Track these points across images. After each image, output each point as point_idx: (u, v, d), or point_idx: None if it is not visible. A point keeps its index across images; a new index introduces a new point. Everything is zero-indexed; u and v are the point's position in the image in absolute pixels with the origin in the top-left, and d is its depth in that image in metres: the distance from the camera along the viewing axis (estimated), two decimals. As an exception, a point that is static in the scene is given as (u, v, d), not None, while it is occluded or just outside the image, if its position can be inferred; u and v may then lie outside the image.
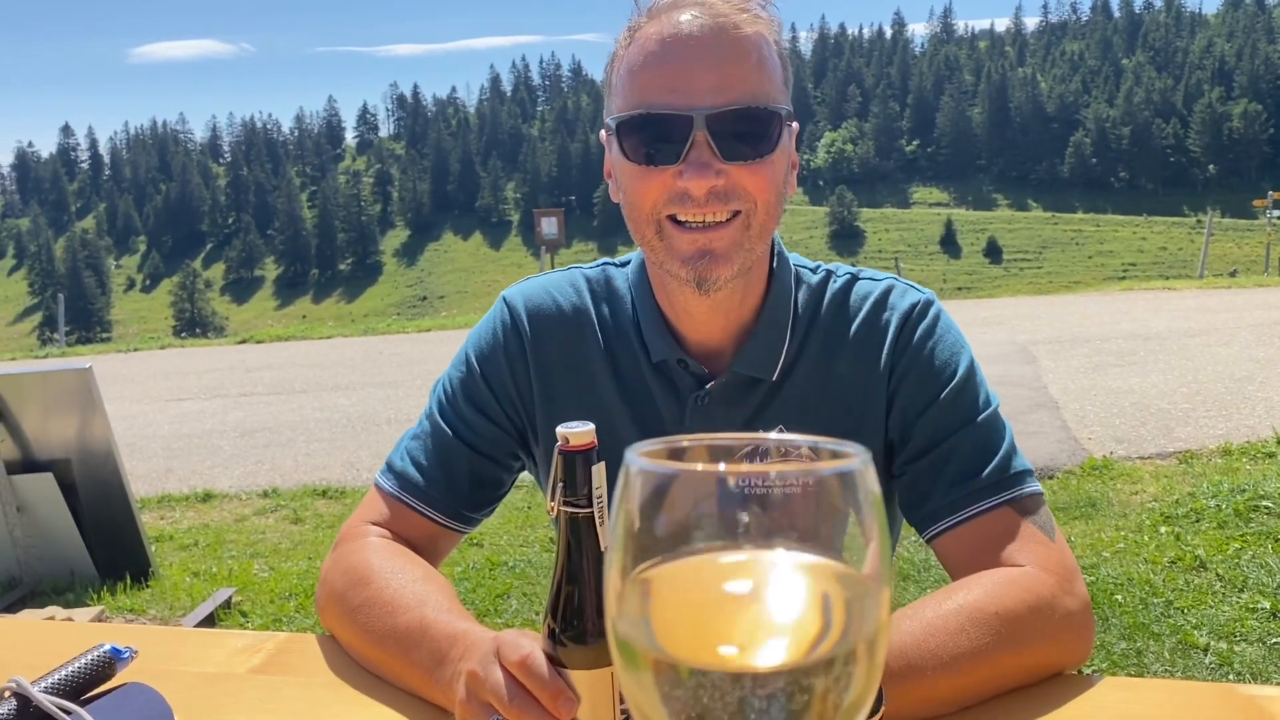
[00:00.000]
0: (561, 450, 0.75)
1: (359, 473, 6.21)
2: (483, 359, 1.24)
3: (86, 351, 16.59)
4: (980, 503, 1.07)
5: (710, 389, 1.16)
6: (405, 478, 1.22)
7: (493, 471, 1.24)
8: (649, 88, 1.02)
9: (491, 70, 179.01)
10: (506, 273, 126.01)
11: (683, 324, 1.16)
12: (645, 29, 1.04)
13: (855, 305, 1.18)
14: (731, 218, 1.04)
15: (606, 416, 1.20)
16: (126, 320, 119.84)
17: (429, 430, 1.24)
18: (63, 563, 4.04)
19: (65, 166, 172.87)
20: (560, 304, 1.24)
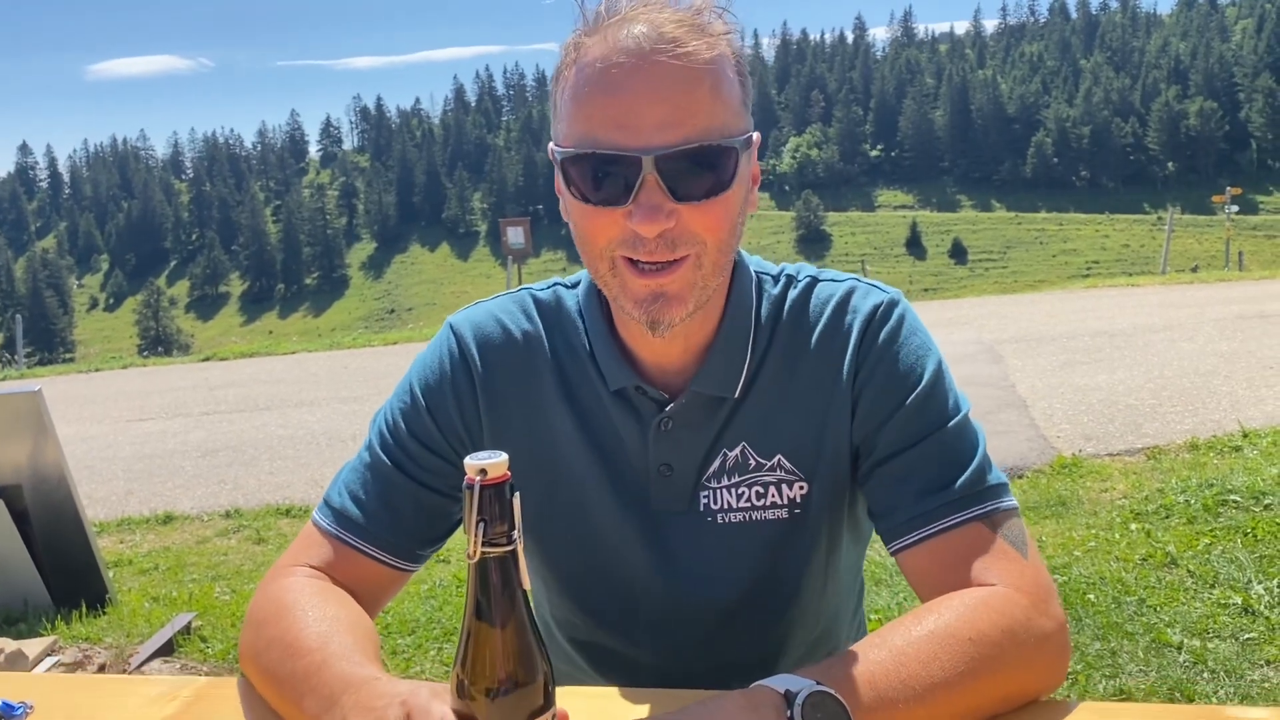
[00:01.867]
0: (482, 484, 0.69)
1: (322, 490, 6.10)
2: (428, 391, 1.17)
3: (47, 373, 16.29)
4: (949, 517, 1.02)
5: (671, 411, 1.11)
6: (344, 514, 1.14)
7: (440, 505, 1.17)
8: (593, 121, 0.94)
9: (455, 81, 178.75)
10: (475, 283, 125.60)
11: (640, 349, 1.11)
12: (589, 47, 0.95)
13: (816, 310, 1.13)
14: (681, 259, 0.98)
15: (562, 447, 1.15)
16: (90, 340, 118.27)
17: (369, 463, 1.17)
18: (14, 592, 3.92)
19: (24, 185, 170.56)
20: (510, 331, 1.18)
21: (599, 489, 1.14)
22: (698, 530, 1.13)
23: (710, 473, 1.13)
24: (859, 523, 1.20)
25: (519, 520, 0.70)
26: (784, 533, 1.13)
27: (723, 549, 1.13)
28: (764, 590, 1.15)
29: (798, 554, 1.14)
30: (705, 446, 1.12)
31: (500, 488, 0.69)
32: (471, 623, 0.72)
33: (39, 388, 3.82)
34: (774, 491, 1.12)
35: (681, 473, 1.13)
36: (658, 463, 1.12)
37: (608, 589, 1.18)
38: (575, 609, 1.23)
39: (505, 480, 0.70)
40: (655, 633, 1.19)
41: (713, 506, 1.13)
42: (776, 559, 1.14)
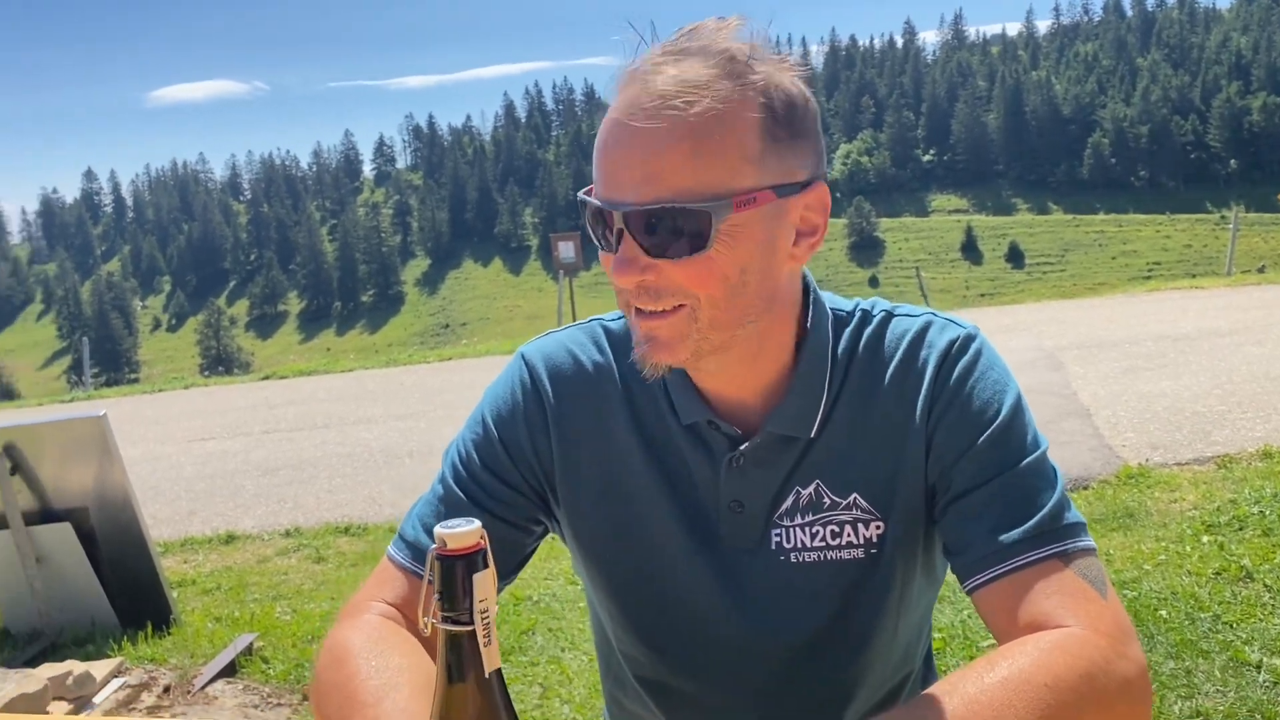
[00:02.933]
0: (439, 555, 0.65)
1: (381, 508, 6.16)
2: (500, 422, 1.17)
3: (113, 394, 16.69)
4: (1024, 555, 0.98)
5: (745, 450, 1.09)
6: (417, 547, 1.14)
7: (513, 536, 1.16)
8: (597, 174, 0.98)
9: (505, 98, 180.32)
10: (527, 297, 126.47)
11: (710, 384, 1.10)
12: (613, 101, 0.98)
13: (891, 346, 1.10)
14: (675, 308, 0.97)
15: (632, 480, 1.13)
16: (154, 360, 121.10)
17: (442, 495, 1.17)
18: (83, 613, 4.00)
19: (89, 210, 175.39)
20: (582, 361, 1.17)
21: (668, 523, 1.13)
22: (770, 568, 1.11)
23: (783, 510, 1.11)
24: (933, 564, 1.17)
25: (481, 599, 0.66)
26: (859, 573, 1.11)
27: (796, 588, 1.11)
28: (837, 631, 1.13)
29: (872, 595, 1.12)
30: (777, 484, 1.10)
31: (461, 560, 0.65)
32: (434, 703, 0.68)
33: (104, 412, 3.89)
34: (850, 531, 1.10)
35: (752, 510, 1.11)
36: (729, 499, 1.11)
37: (676, 625, 1.16)
38: (643, 645, 1.20)
39: (471, 552, 0.65)
40: (725, 673, 1.16)
41: (785, 545, 1.11)
42: (850, 600, 1.12)
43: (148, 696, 3.26)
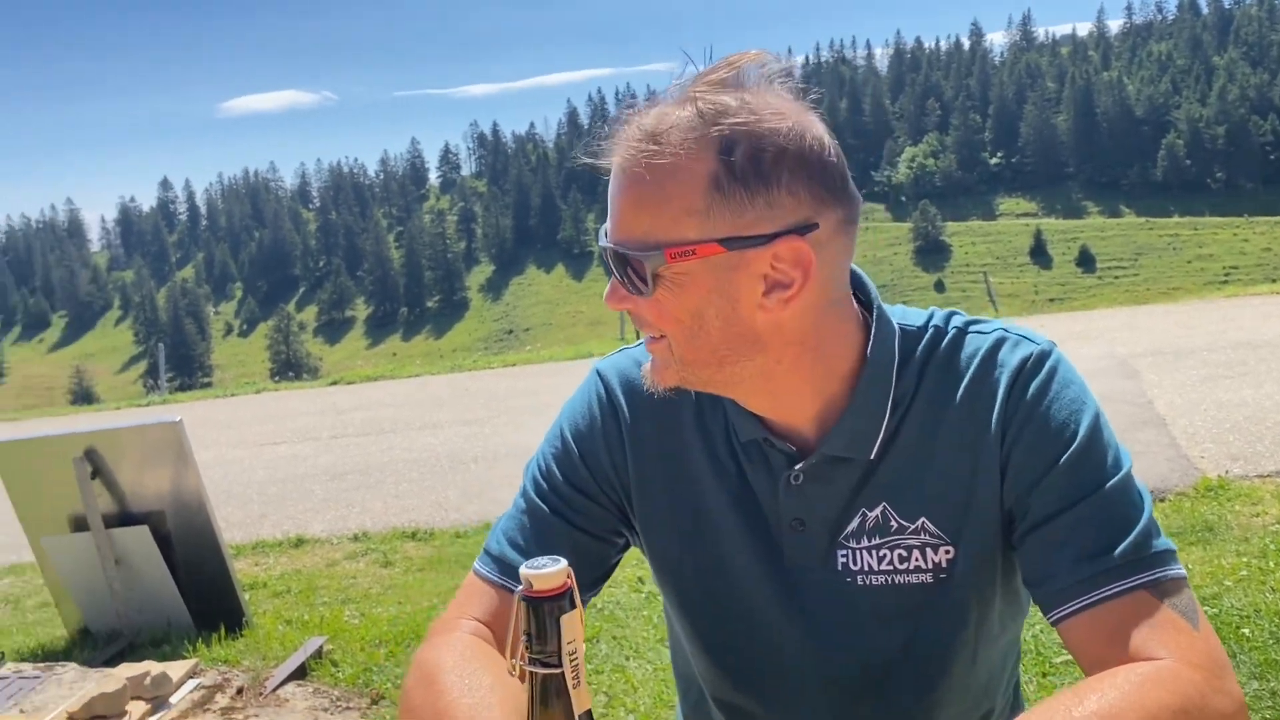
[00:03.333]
0: (525, 596, 0.64)
1: (447, 513, 6.23)
2: (578, 436, 1.19)
3: (187, 398, 17.12)
4: (1111, 585, 0.95)
5: (801, 469, 1.08)
6: (504, 561, 1.15)
7: (597, 549, 1.18)
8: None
9: (568, 104, 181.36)
10: (590, 303, 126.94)
11: (751, 407, 1.10)
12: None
13: (963, 364, 1.07)
14: (660, 337, 1.03)
15: (701, 496, 1.14)
16: (226, 365, 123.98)
17: (525, 509, 1.18)
18: (159, 615, 4.10)
19: (165, 218, 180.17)
20: None
21: (735, 540, 1.13)
22: (836, 590, 1.10)
23: (848, 532, 1.09)
24: (1015, 590, 1.14)
25: (569, 641, 0.64)
26: (929, 598, 1.09)
27: (864, 612, 1.10)
28: (909, 658, 1.11)
29: (944, 621, 1.10)
30: (841, 504, 1.08)
31: (548, 602, 0.63)
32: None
33: (180, 419, 3.99)
34: (918, 555, 1.08)
35: (815, 529, 1.10)
36: (789, 517, 1.10)
37: (745, 643, 1.16)
38: (715, 664, 1.20)
39: (558, 593, 0.64)
40: (796, 697, 1.15)
41: (852, 567, 1.09)
42: (921, 626, 1.10)
43: (221, 698, 3.33)
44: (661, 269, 0.97)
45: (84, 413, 17.66)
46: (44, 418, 16.97)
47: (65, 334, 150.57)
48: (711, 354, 1.01)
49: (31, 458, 4.10)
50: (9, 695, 3.39)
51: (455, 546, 5.43)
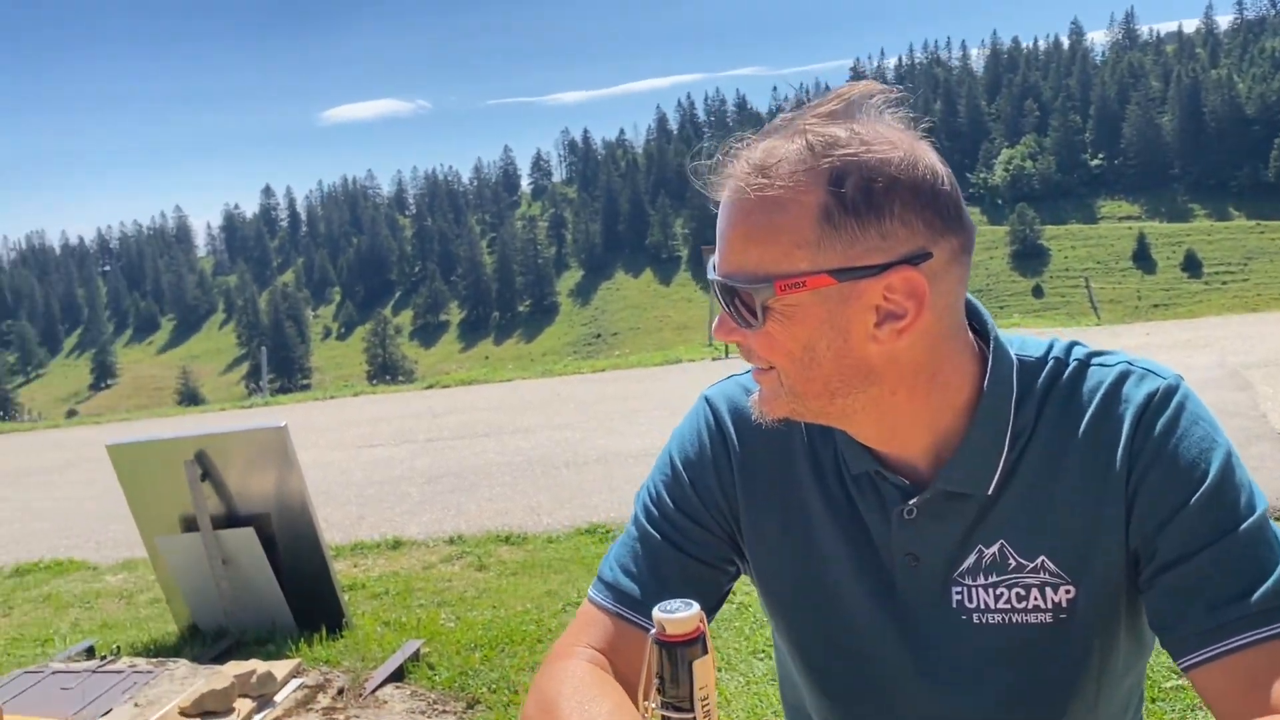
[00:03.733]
0: (657, 639, 0.63)
1: (540, 518, 6.28)
2: (688, 464, 1.19)
3: (287, 400, 17.62)
4: (1248, 633, 0.91)
5: (915, 504, 1.06)
6: (618, 589, 1.16)
7: (710, 576, 1.17)
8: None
9: (658, 110, 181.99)
10: (677, 307, 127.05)
11: (862, 439, 1.08)
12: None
13: (1086, 398, 1.04)
14: (769, 368, 1.02)
15: (813, 527, 1.12)
16: (324, 367, 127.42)
17: (637, 537, 1.19)
18: (263, 614, 4.21)
19: (267, 225, 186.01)
20: None
21: (847, 573, 1.11)
22: (951, 627, 1.08)
23: (964, 568, 1.06)
24: (1140, 631, 1.09)
25: (702, 686, 0.63)
26: (1048, 639, 1.05)
27: (980, 650, 1.07)
28: (1028, 699, 1.07)
29: (1065, 663, 1.06)
30: (956, 540, 1.06)
31: (681, 646, 0.62)
32: None
33: (285, 424, 4.10)
34: (1037, 594, 1.04)
35: (929, 564, 1.07)
36: (902, 551, 1.08)
37: (856, 677, 1.14)
38: (826, 695, 1.19)
39: (691, 638, 0.63)
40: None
41: (967, 604, 1.07)
42: (1040, 667, 1.06)
43: (323, 698, 3.40)
44: (771, 301, 0.96)
45: (191, 414, 18.34)
46: (154, 418, 17.66)
47: (173, 336, 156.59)
48: (823, 386, 1.00)
49: (146, 460, 4.26)
50: (124, 689, 3.52)
51: (547, 551, 5.47)
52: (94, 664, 3.88)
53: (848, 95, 0.98)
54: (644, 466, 7.31)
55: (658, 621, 0.63)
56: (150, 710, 3.28)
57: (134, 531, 4.71)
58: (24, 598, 5.63)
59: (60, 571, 6.16)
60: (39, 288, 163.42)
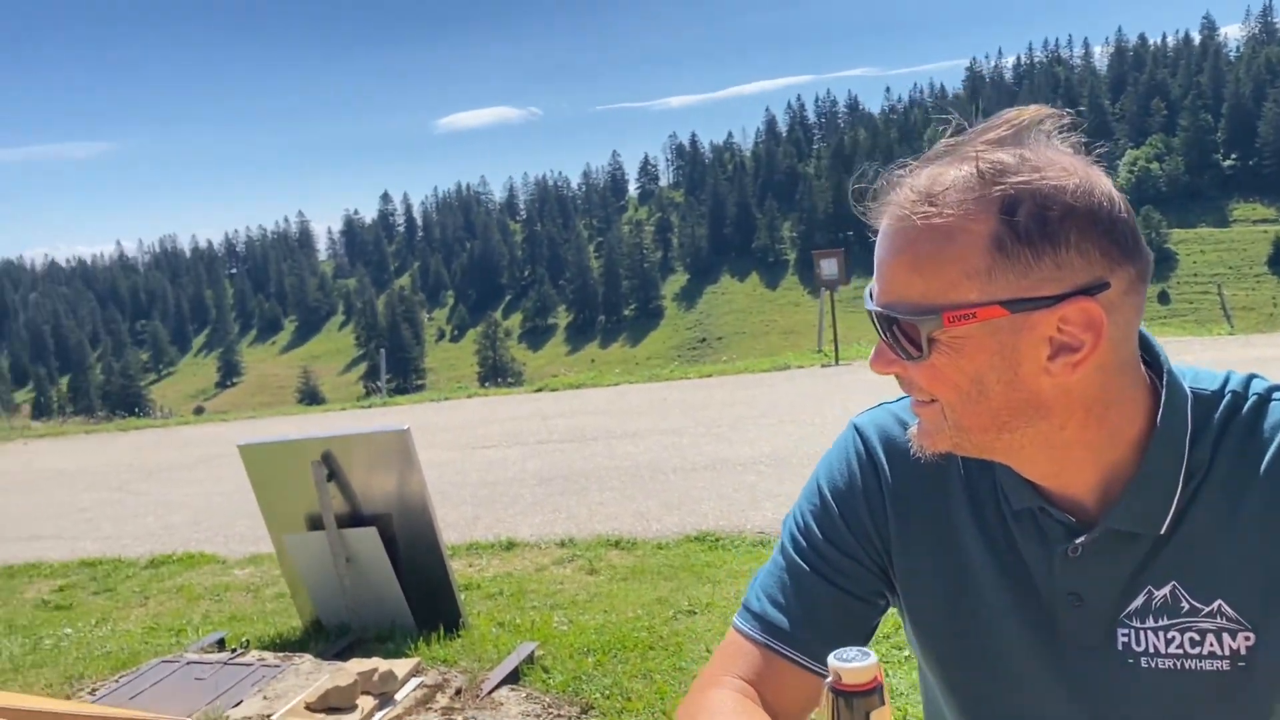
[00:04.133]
0: (834, 688, 0.62)
1: (649, 524, 6.29)
2: (837, 494, 1.16)
3: (404, 401, 18.09)
4: None
5: (1082, 543, 1.01)
6: (766, 619, 1.14)
7: (859, 609, 1.15)
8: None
9: (766, 113, 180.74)
10: (783, 312, 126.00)
11: (1027, 474, 1.04)
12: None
13: (1267, 435, 0.98)
14: (931, 400, 0.98)
15: (968, 562, 1.09)
16: (438, 368, 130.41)
17: (784, 567, 1.17)
18: (384, 612, 4.33)
19: (385, 230, 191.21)
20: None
21: (1002, 611, 1.07)
22: (1116, 671, 1.03)
23: (1132, 610, 1.02)
24: None
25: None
26: (1225, 688, 1.00)
27: (1147, 697, 1.02)
28: None
29: (1244, 714, 1.00)
30: (1124, 581, 1.01)
31: (858, 696, 0.61)
32: None
33: (408, 427, 4.20)
34: (1212, 640, 0.99)
35: (1094, 605, 1.03)
36: (1065, 590, 1.03)
37: (1013, 716, 1.10)
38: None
39: (868, 689, 0.62)
40: None
41: (1135, 648, 1.02)
42: (1214, 716, 1.01)
43: (441, 697, 3.47)
44: (938, 333, 0.93)
45: (313, 412, 18.98)
46: (277, 417, 18.33)
47: (295, 337, 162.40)
48: (990, 420, 0.97)
49: (275, 459, 4.42)
50: (254, 682, 3.66)
51: (657, 558, 5.48)
52: (225, 656, 4.05)
53: (1017, 121, 0.94)
54: (753, 474, 7.29)
55: (834, 670, 0.62)
56: (278, 704, 3.40)
57: (260, 527, 4.89)
58: (159, 588, 5.91)
59: (192, 564, 6.44)
60: (170, 289, 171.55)
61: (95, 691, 3.93)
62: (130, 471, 11.31)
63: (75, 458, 13.32)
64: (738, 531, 5.85)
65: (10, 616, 5.57)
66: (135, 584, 6.08)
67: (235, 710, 3.42)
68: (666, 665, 3.76)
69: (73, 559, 6.92)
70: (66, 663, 4.46)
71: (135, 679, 3.95)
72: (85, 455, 13.52)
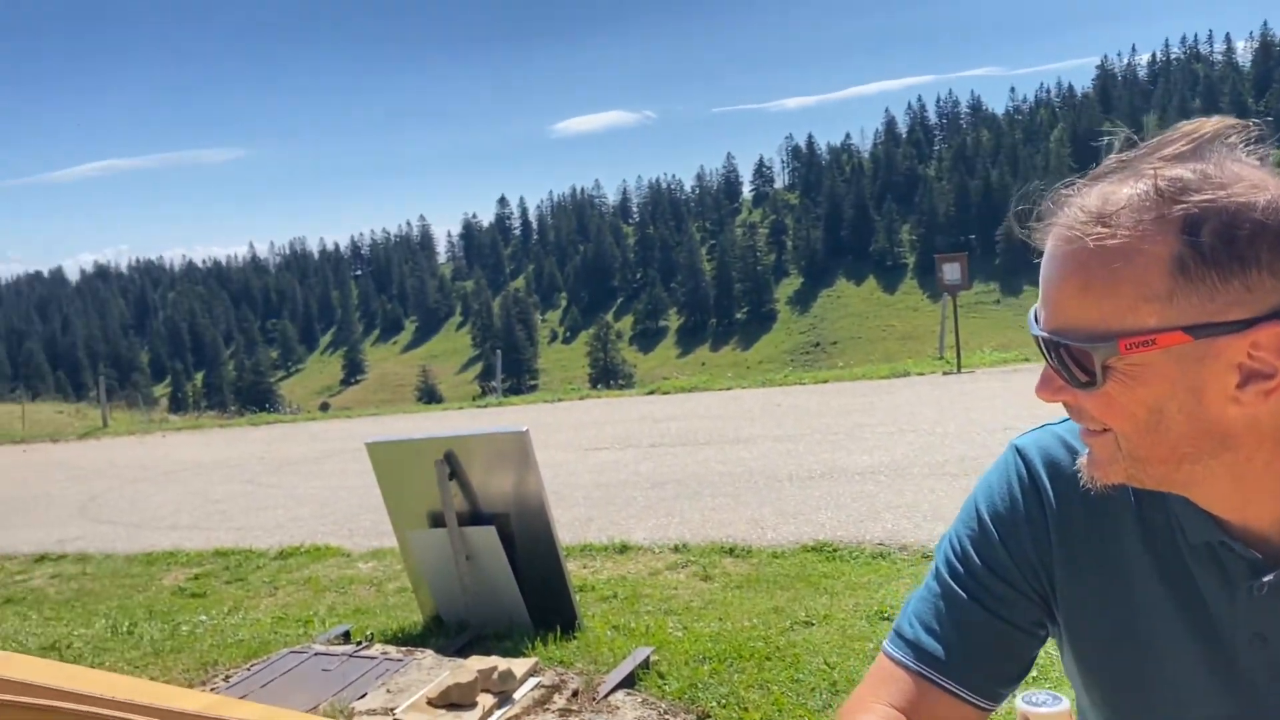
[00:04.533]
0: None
1: (764, 532, 6.23)
2: (998, 519, 1.11)
3: (518, 401, 18.39)
4: None
5: (1269, 581, 0.95)
6: (919, 647, 1.10)
7: (1018, 640, 1.09)
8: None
9: (886, 114, 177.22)
10: (901, 316, 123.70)
11: (1205, 506, 0.97)
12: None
13: None
14: (1103, 430, 0.92)
15: (1139, 597, 1.03)
16: (550, 369, 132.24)
17: (939, 593, 1.12)
18: (502, 611, 4.38)
19: (501, 233, 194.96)
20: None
21: (1177, 649, 1.01)
22: None
23: None
24: None
25: None
26: None
27: None
28: None
29: None
30: None
31: None
32: None
33: (527, 429, 4.25)
34: None
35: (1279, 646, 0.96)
36: (1248, 631, 0.97)
37: None
38: None
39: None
40: None
41: None
42: None
43: (559, 698, 3.50)
44: (1113, 360, 0.88)
45: (433, 411, 19.46)
46: (399, 415, 18.85)
47: (415, 336, 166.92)
48: (1170, 451, 0.91)
49: (400, 457, 4.53)
50: (377, 675, 3.75)
51: (773, 567, 5.41)
52: (350, 648, 4.16)
53: (1197, 134, 0.88)
54: (872, 484, 7.14)
55: (1023, 715, 0.60)
56: (401, 698, 3.47)
57: (383, 522, 5.03)
58: (288, 579, 6.13)
59: (318, 557, 6.66)
60: (299, 290, 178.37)
61: (229, 678, 4.08)
62: (260, 464, 11.78)
63: (210, 450, 13.96)
64: (856, 542, 5.74)
65: (150, 602, 5.86)
66: (265, 574, 6.32)
67: (360, 703, 3.51)
68: (784, 677, 3.71)
69: (207, 548, 7.24)
70: (202, 649, 4.66)
71: (266, 668, 4.10)
72: (219, 448, 14.16)
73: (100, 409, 21.69)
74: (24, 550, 7.83)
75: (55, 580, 6.72)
